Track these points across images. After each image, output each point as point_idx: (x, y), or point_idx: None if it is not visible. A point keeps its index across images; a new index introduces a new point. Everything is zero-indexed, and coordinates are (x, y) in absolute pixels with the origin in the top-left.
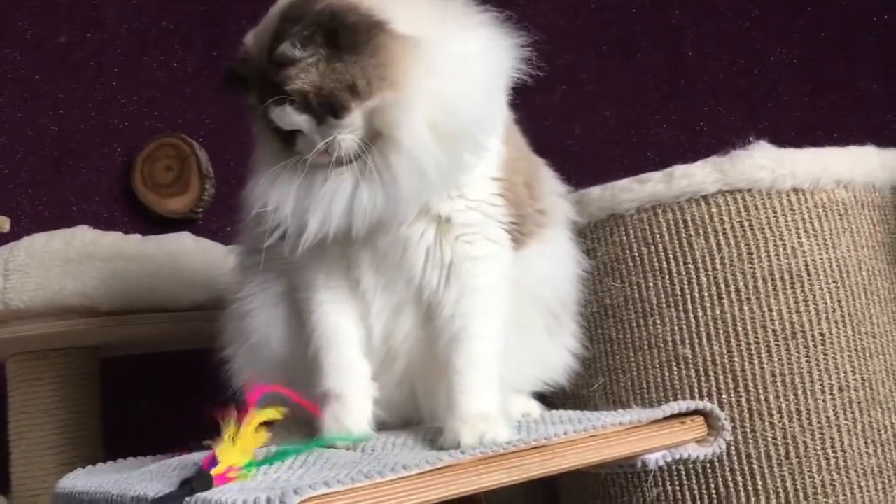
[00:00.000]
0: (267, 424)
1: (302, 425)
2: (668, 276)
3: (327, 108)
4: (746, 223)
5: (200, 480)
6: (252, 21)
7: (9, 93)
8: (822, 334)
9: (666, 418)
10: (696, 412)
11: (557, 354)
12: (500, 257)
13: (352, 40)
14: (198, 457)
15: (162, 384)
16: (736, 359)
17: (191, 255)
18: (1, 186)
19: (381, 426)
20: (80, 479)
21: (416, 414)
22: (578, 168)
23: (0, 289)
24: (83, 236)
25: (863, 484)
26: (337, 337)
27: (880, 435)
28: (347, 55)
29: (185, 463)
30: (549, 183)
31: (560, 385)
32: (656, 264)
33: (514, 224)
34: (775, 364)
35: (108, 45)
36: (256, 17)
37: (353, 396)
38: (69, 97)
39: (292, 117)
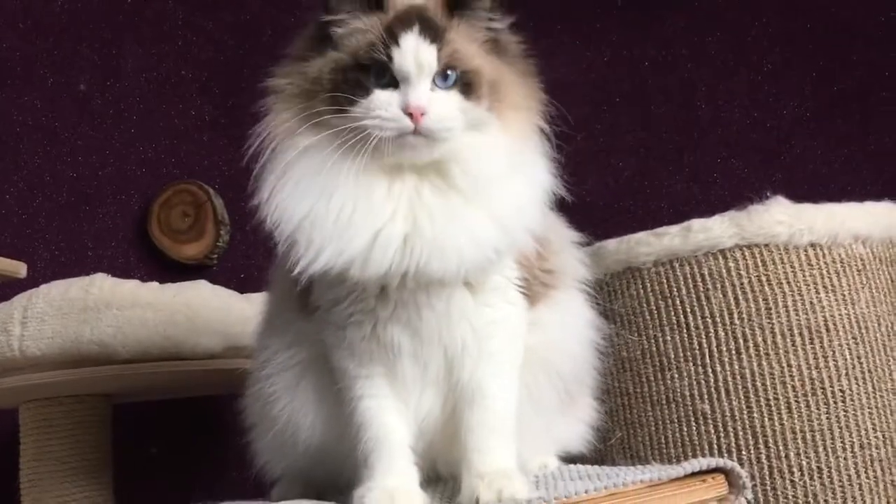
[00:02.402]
0: None
1: None
2: (685, 330)
3: (461, 77)
4: (764, 278)
5: None
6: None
7: (28, 140)
8: (842, 391)
9: (686, 476)
10: (716, 469)
11: (573, 429)
12: (515, 318)
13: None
14: None
15: (173, 430)
16: (755, 415)
17: (207, 303)
18: (18, 232)
19: None
20: None
21: (433, 472)
22: (592, 220)
23: (17, 336)
24: (101, 284)
25: None
26: (387, 438)
27: None
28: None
29: None
30: (560, 238)
31: (578, 453)
32: (674, 318)
33: (521, 286)
34: (795, 420)
35: (127, 94)
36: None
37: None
38: (87, 144)
39: (421, 52)
